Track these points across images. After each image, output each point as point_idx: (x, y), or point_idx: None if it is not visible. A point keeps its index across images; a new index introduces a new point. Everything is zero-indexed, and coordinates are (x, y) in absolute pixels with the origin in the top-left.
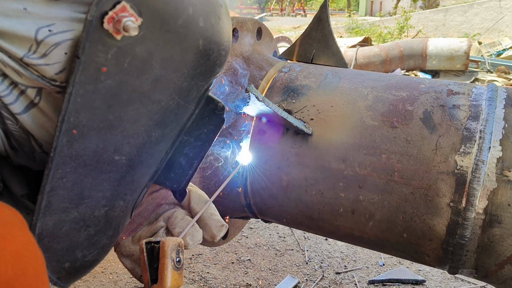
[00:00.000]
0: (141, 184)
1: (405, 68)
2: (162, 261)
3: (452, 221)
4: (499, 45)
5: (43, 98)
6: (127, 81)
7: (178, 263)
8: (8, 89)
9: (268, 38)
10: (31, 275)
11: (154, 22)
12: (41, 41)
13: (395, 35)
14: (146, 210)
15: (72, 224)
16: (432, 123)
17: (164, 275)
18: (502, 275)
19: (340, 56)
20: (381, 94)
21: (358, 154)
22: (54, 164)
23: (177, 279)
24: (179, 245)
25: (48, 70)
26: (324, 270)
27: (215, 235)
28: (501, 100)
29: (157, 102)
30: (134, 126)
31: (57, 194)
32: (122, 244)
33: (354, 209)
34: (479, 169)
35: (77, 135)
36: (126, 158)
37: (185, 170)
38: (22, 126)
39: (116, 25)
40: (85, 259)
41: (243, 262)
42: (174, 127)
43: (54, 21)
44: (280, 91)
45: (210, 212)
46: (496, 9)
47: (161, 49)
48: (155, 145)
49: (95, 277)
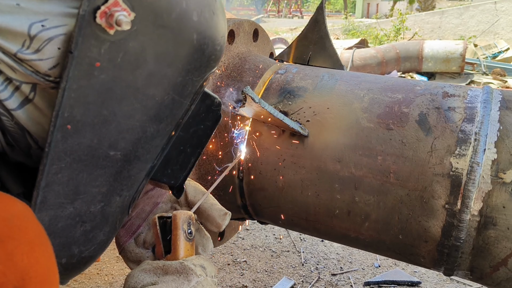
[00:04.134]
0: (137, 180)
1: (401, 70)
2: (175, 233)
3: (447, 223)
4: (495, 47)
5: (37, 94)
6: (121, 76)
7: (190, 235)
8: (2, 85)
9: (264, 40)
10: (43, 264)
11: (147, 17)
12: (34, 36)
13: (392, 37)
14: (143, 211)
15: (68, 220)
16: (428, 125)
17: (177, 245)
18: (497, 277)
19: (337, 58)
20: (377, 96)
21: (354, 156)
22: (49, 159)
23: (189, 250)
24: (190, 217)
25: (42, 65)
26: (320, 272)
27: (220, 224)
28: (496, 103)
29: (151, 97)
30: (129, 121)
31: (53, 189)
32: (127, 249)
33: (350, 210)
34: (474, 171)
35: (72, 130)
36: (121, 153)
37: (183, 166)
38: (18, 122)
39: (109, 20)
40: (82, 255)
41: (239, 264)
42: (169, 122)
43: (47, 16)
44: (276, 92)
45: (210, 202)
46: (491, 11)
47: (155, 43)
48: (150, 140)
49: (91, 279)
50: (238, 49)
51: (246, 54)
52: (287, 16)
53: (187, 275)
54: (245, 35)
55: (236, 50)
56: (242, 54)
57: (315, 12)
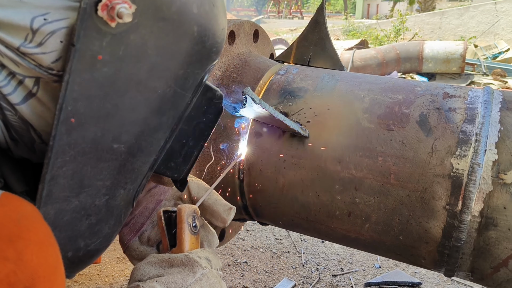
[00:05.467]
0: (141, 173)
1: (401, 70)
2: (180, 226)
3: (448, 224)
4: (495, 48)
5: (41, 88)
6: (123, 69)
7: (195, 228)
8: (6, 79)
9: (265, 41)
10: (52, 264)
11: (148, 9)
12: (36, 30)
13: (392, 38)
14: (146, 209)
15: (74, 213)
16: (428, 126)
17: (182, 238)
18: (498, 278)
19: (337, 59)
20: (377, 96)
21: (354, 156)
22: (53, 153)
23: (194, 243)
24: (195, 211)
25: (45, 59)
26: (320, 273)
27: (225, 219)
28: (496, 103)
29: (153, 90)
30: (132, 114)
31: (58, 183)
32: (132, 247)
33: (350, 211)
34: (475, 172)
35: (75, 124)
36: (124, 146)
37: (185, 159)
38: (21, 116)
39: (110, 12)
40: (88, 248)
41: (239, 265)
42: (171, 115)
43: (49, 10)
44: (276, 93)
45: (214, 198)
46: (491, 12)
47: (156, 36)
48: (153, 133)
49: (91, 280)
50: (239, 50)
51: (246, 55)
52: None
53: (192, 267)
54: (245, 36)
55: (236, 51)
56: (243, 55)
57: (315, 13)
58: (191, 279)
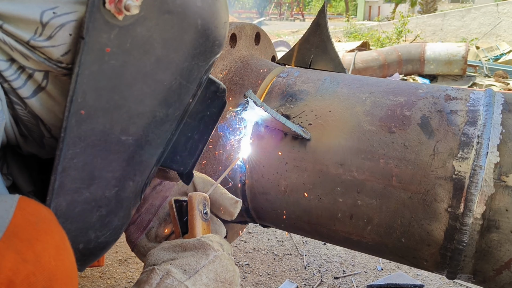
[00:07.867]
0: (149, 165)
1: (403, 72)
2: (191, 213)
3: (450, 226)
4: (497, 49)
5: (50, 82)
6: (130, 61)
7: (206, 215)
8: (16, 73)
9: (266, 43)
10: (68, 267)
11: (153, 2)
12: (46, 24)
13: (393, 39)
14: (153, 206)
15: (85, 205)
16: (430, 128)
17: (194, 225)
18: (500, 280)
19: (338, 61)
20: (379, 99)
21: (356, 159)
22: (65, 144)
23: (206, 229)
24: (205, 199)
25: (54, 52)
26: (322, 275)
27: (232, 212)
28: (498, 106)
29: (160, 82)
30: (139, 106)
31: (69, 174)
32: (140, 245)
33: (353, 213)
34: (476, 175)
35: (85, 116)
36: (133, 138)
37: (191, 152)
38: (31, 110)
39: (118, 5)
40: (98, 240)
41: (241, 267)
42: (177, 107)
43: (58, 3)
44: (278, 96)
45: (220, 192)
46: (493, 14)
47: (161, 29)
48: (160, 125)
49: (93, 282)
50: (240, 52)
51: (248, 57)
52: (289, 19)
53: (205, 249)
54: (247, 39)
55: (238, 53)
56: (244, 57)
57: (317, 16)
58: (204, 261)
